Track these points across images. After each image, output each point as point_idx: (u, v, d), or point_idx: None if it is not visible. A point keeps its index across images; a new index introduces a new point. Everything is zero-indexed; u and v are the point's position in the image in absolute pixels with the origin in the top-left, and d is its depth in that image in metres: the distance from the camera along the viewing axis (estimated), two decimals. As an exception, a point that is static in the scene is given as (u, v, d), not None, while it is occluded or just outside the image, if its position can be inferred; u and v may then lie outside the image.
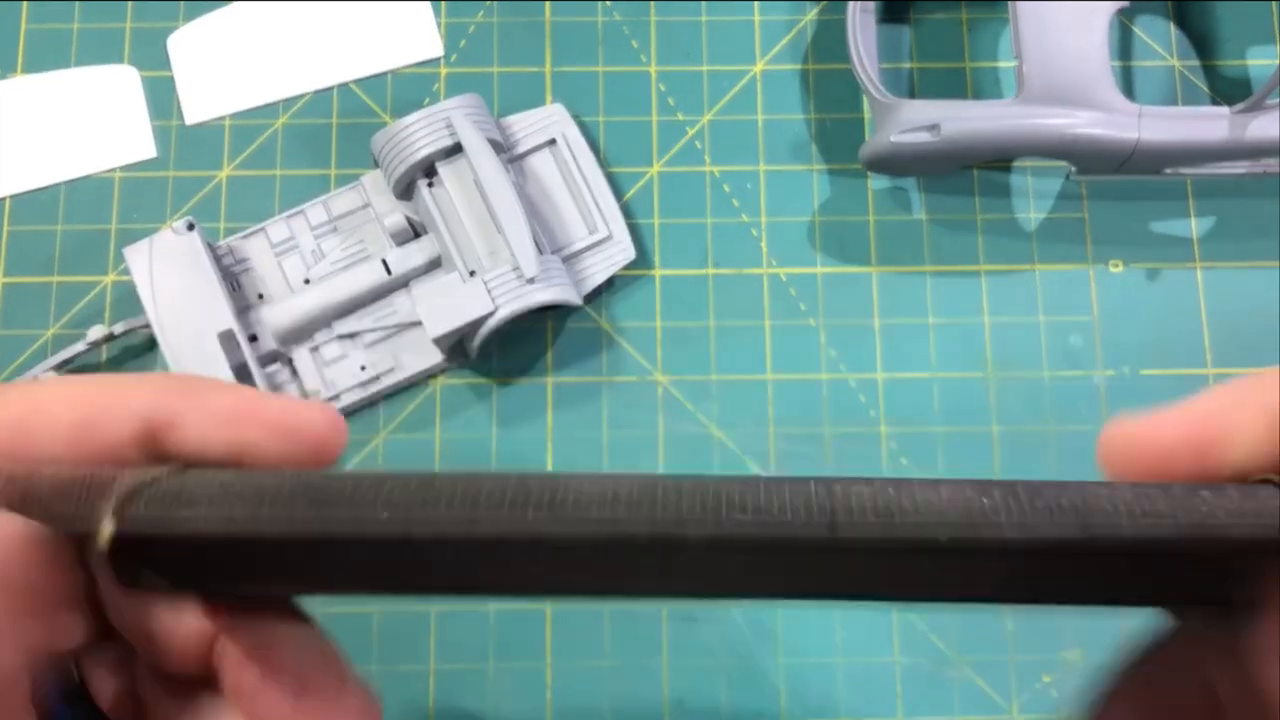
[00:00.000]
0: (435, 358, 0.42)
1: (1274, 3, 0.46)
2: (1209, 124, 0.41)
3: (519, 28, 0.46)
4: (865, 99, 0.44)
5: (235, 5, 0.46)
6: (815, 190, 0.45)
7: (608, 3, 0.46)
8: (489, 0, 0.46)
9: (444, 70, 0.46)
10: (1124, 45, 0.46)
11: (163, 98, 0.45)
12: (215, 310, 0.40)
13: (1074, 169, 0.44)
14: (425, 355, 0.42)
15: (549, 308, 0.41)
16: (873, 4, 0.44)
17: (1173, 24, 0.46)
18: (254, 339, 0.41)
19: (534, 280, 0.40)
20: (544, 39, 0.46)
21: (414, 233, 0.43)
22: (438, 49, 0.46)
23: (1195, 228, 0.44)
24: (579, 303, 0.42)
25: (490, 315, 0.40)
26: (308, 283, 0.42)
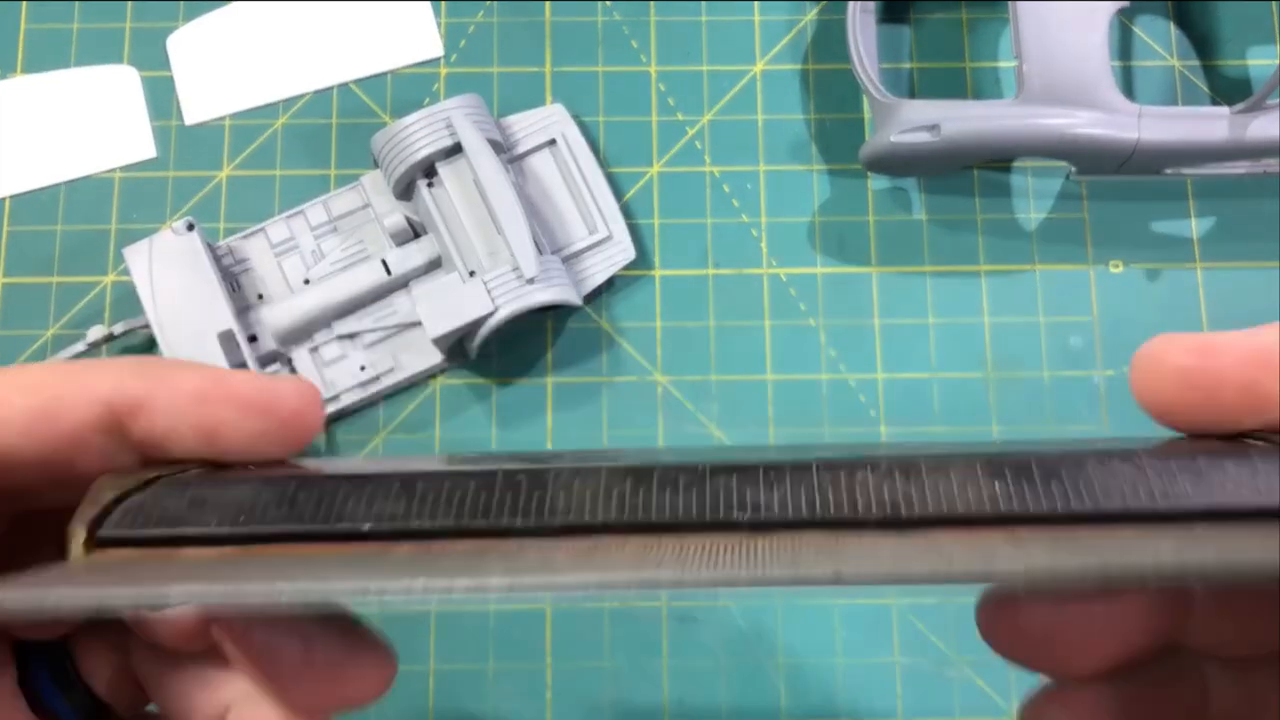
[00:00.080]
0: (435, 358, 0.42)
1: (1274, 2, 0.46)
2: (1209, 124, 0.41)
3: (519, 28, 0.46)
4: (865, 99, 0.44)
5: (235, 5, 0.46)
6: (815, 190, 0.45)
7: (608, 3, 0.46)
8: (489, 0, 0.46)
9: (444, 70, 0.46)
10: (1124, 45, 0.46)
11: (162, 98, 0.45)
12: (215, 310, 0.40)
13: (1074, 169, 0.44)
14: (425, 355, 0.42)
15: (549, 308, 0.41)
16: (873, 4, 0.44)
17: (1173, 24, 0.46)
18: (254, 339, 0.41)
19: (534, 280, 0.40)
20: (544, 39, 0.46)
21: (414, 233, 0.43)
22: (438, 49, 0.46)
23: (1195, 228, 0.44)
24: (579, 303, 0.42)
25: (490, 315, 0.40)
26: (307, 283, 0.42)
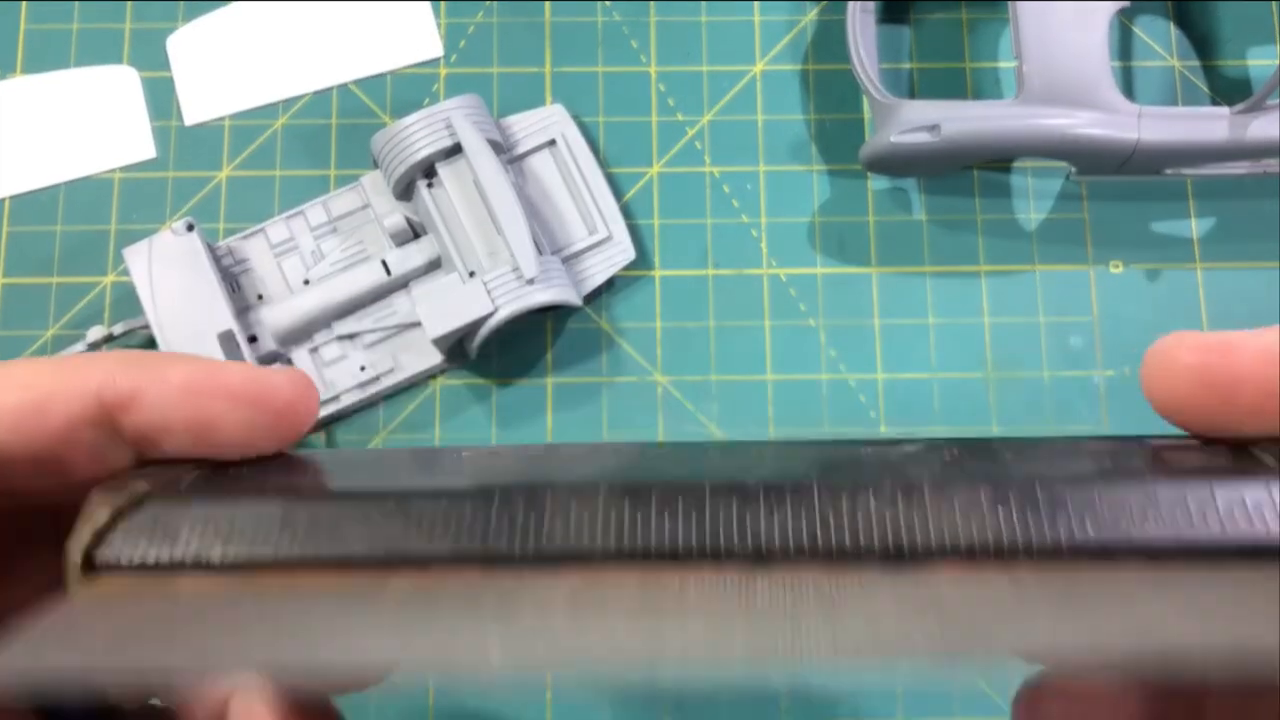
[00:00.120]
0: (435, 358, 0.42)
1: (1274, 2, 0.46)
2: (1209, 124, 0.41)
3: (519, 28, 0.46)
4: (865, 99, 0.44)
5: (235, 5, 0.46)
6: (815, 190, 0.45)
7: (608, 3, 0.46)
8: (489, 0, 0.46)
9: (444, 71, 0.46)
10: (1124, 45, 0.46)
11: (162, 98, 0.45)
12: (215, 311, 0.40)
13: (1074, 169, 0.44)
14: (425, 356, 0.42)
15: (549, 308, 0.41)
16: (873, 4, 0.44)
17: (1173, 24, 0.46)
18: (253, 340, 0.41)
19: (534, 281, 0.40)
20: (544, 39, 0.46)
21: (414, 233, 0.43)
22: (437, 49, 0.46)
23: (1195, 228, 0.44)
24: (579, 303, 0.41)
25: (490, 316, 0.40)
26: (307, 283, 0.42)
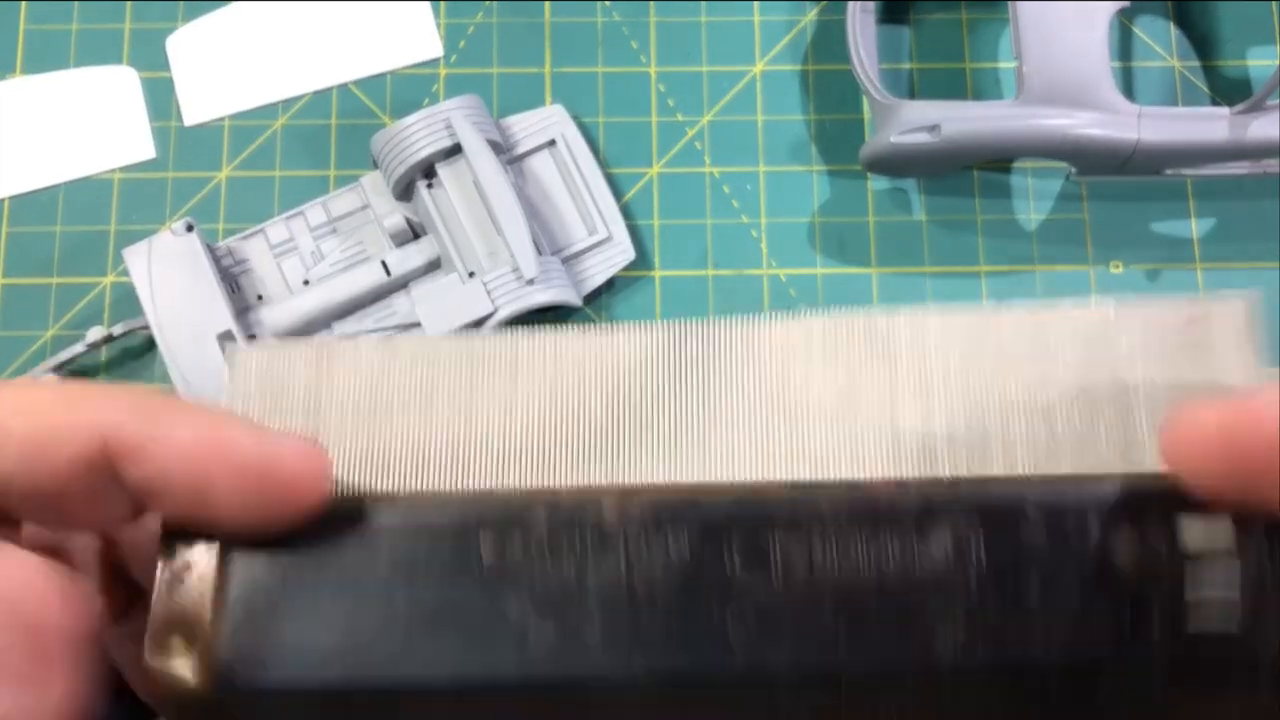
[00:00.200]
0: (435, 359, 0.42)
1: (1274, 2, 0.46)
2: (1209, 124, 0.41)
3: (519, 28, 0.46)
4: (865, 99, 0.44)
5: (234, 6, 0.46)
6: (815, 191, 0.44)
7: (608, 3, 0.46)
8: (489, 0, 0.46)
9: (443, 71, 0.46)
10: (1124, 45, 0.46)
11: (162, 98, 0.45)
12: (214, 311, 0.40)
13: (1074, 170, 0.44)
14: (425, 356, 0.42)
15: (549, 309, 0.41)
16: (873, 4, 0.44)
17: (1173, 24, 0.46)
18: (253, 339, 0.41)
19: (533, 281, 0.40)
20: (544, 39, 0.46)
21: (413, 234, 0.43)
22: (437, 49, 0.46)
23: (1196, 228, 0.44)
24: (579, 303, 0.41)
25: (490, 316, 0.40)
26: (307, 284, 0.42)
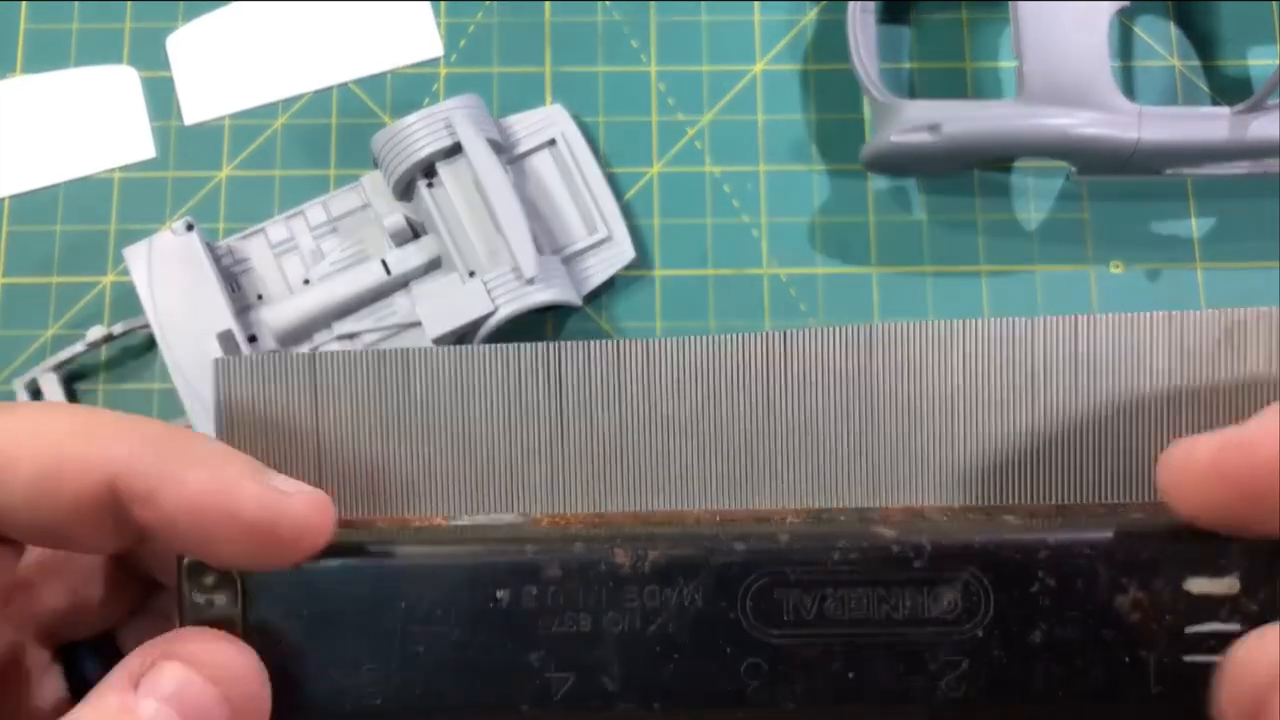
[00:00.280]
0: (435, 358, 0.42)
1: (1275, 2, 0.46)
2: (1209, 124, 0.41)
3: (519, 28, 0.46)
4: (865, 99, 0.44)
5: (235, 5, 0.46)
6: (815, 190, 0.44)
7: (608, 3, 0.46)
8: (489, 0, 0.46)
9: (444, 70, 0.46)
10: (1124, 45, 0.46)
11: (162, 98, 0.45)
12: (215, 311, 0.40)
13: (1074, 169, 0.44)
14: (425, 356, 0.42)
15: (549, 308, 0.41)
16: (873, 4, 0.44)
17: (1173, 24, 0.46)
18: (253, 339, 0.41)
19: (534, 280, 0.40)
20: (544, 39, 0.46)
21: (414, 233, 0.43)
22: (437, 49, 0.46)
23: (1196, 228, 0.44)
24: (579, 303, 0.41)
25: (490, 315, 0.40)
26: (307, 283, 0.42)
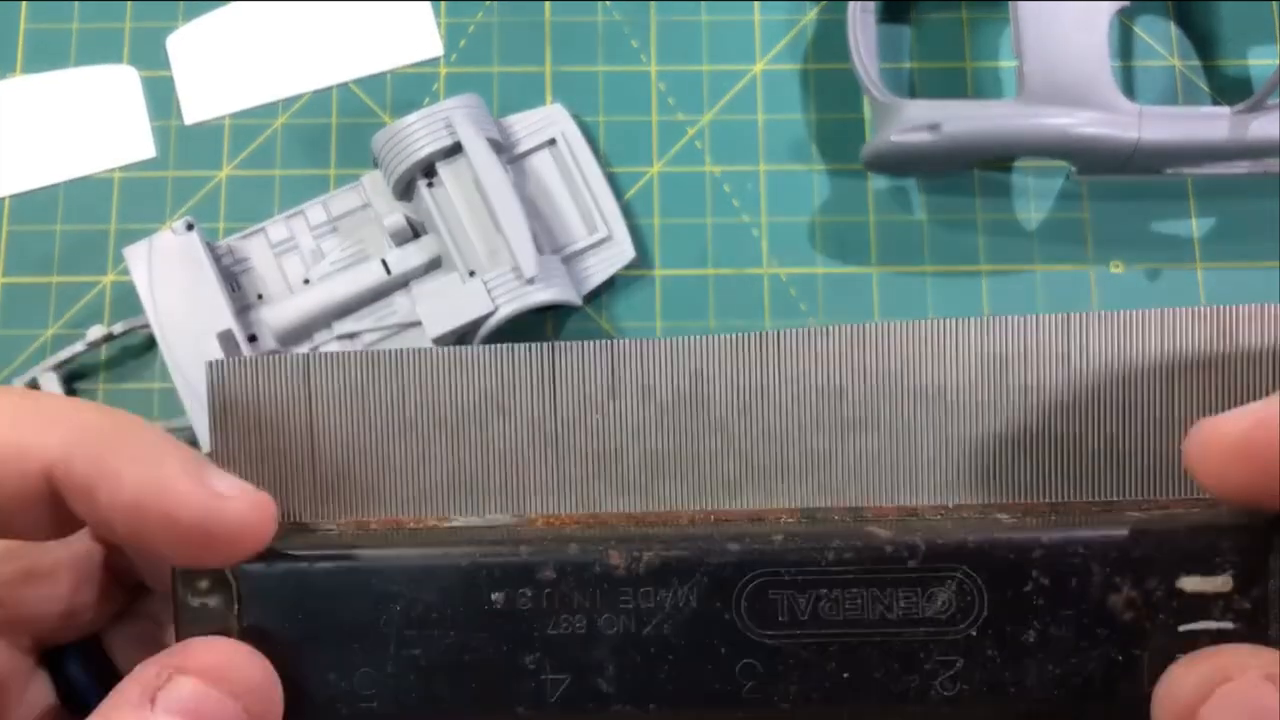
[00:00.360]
0: (435, 358, 0.42)
1: (1275, 2, 0.46)
2: (1210, 124, 0.41)
3: (519, 28, 0.46)
4: (865, 99, 0.44)
5: (235, 5, 0.46)
6: (815, 190, 0.44)
7: (608, 3, 0.46)
8: (489, 0, 0.46)
9: (444, 70, 0.46)
10: (1124, 45, 0.46)
11: (162, 98, 0.45)
12: (215, 310, 0.40)
13: (1074, 169, 0.44)
14: (425, 355, 0.42)
15: (549, 308, 0.41)
16: (873, 4, 0.44)
17: (1173, 24, 0.46)
18: (253, 339, 0.41)
19: (534, 280, 0.40)
20: (544, 39, 0.46)
21: (414, 233, 0.43)
22: (437, 49, 0.46)
23: (1196, 228, 0.44)
24: (579, 303, 0.41)
25: (490, 315, 0.40)
26: (307, 283, 0.42)
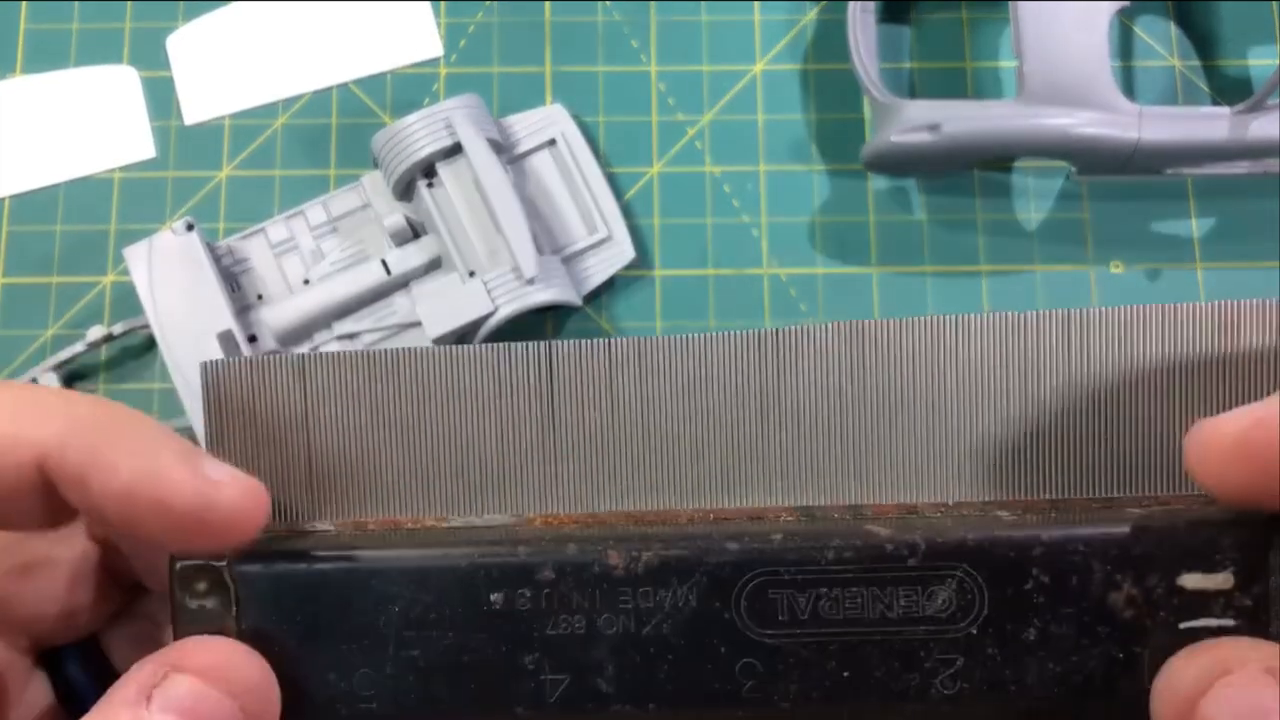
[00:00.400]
0: (435, 358, 0.42)
1: (1275, 2, 0.46)
2: (1210, 124, 0.41)
3: (519, 28, 0.46)
4: (865, 99, 0.44)
5: (235, 5, 0.46)
6: (815, 190, 0.44)
7: (608, 3, 0.46)
8: (489, 0, 0.46)
9: (444, 70, 0.46)
10: (1124, 45, 0.46)
11: (162, 98, 0.45)
12: (215, 310, 0.40)
13: (1074, 169, 0.44)
14: (425, 356, 0.42)
15: (549, 308, 0.41)
16: (873, 4, 0.44)
17: (1173, 24, 0.46)
18: (253, 339, 0.41)
19: (533, 280, 0.40)
20: (544, 39, 0.46)
21: (414, 233, 0.43)
22: (437, 49, 0.46)
23: (1196, 228, 0.44)
24: (579, 303, 0.41)
25: (490, 316, 0.40)
26: (307, 283, 0.42)
